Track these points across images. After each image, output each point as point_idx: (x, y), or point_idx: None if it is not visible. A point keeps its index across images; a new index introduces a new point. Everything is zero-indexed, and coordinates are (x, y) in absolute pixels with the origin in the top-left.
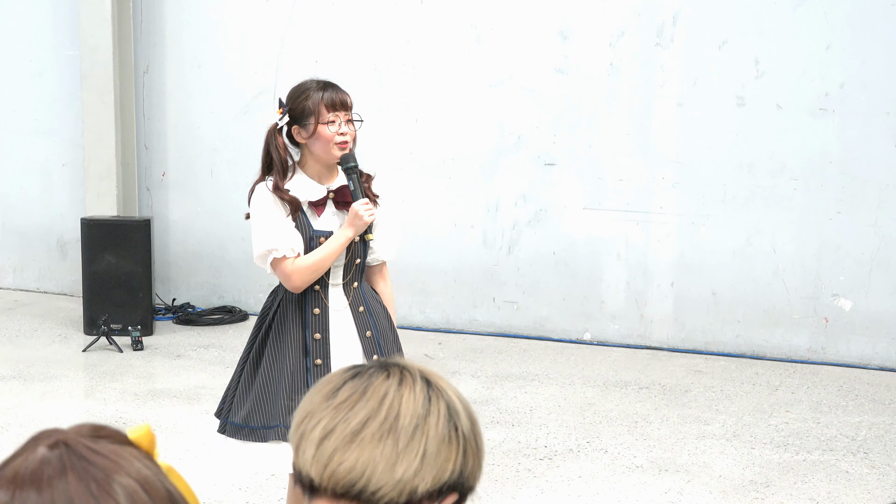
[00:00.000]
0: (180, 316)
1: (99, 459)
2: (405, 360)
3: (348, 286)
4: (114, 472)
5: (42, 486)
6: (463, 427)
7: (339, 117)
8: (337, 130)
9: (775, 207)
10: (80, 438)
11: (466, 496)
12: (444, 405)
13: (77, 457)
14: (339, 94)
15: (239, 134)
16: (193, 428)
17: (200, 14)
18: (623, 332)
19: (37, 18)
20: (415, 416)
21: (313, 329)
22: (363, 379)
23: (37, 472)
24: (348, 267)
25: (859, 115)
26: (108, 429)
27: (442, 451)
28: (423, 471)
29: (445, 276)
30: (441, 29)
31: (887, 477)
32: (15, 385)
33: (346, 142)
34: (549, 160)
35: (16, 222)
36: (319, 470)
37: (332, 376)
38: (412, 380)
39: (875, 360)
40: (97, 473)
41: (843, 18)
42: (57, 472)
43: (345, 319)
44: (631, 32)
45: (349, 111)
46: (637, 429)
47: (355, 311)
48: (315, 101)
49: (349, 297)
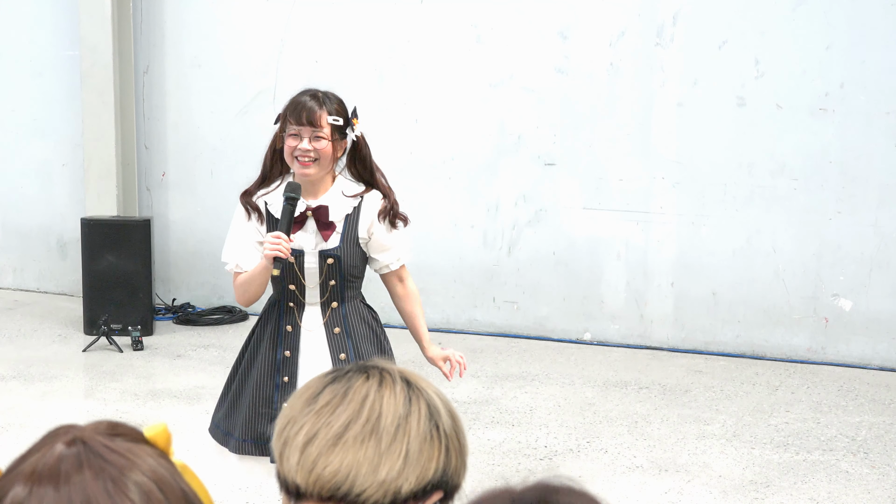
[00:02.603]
0: (180, 316)
1: (115, 457)
2: (384, 362)
3: (325, 306)
4: (129, 469)
5: (59, 483)
6: (444, 425)
7: (303, 132)
8: (296, 145)
9: (775, 207)
10: (97, 436)
11: (452, 494)
12: (425, 404)
13: (94, 454)
14: (311, 107)
15: (239, 134)
16: (193, 428)
17: (200, 14)
18: (623, 332)
19: (37, 18)
20: (396, 417)
21: (284, 346)
22: (343, 382)
23: (54, 468)
24: (323, 287)
25: (859, 115)
26: (124, 426)
27: (424, 450)
28: (406, 470)
29: (445, 276)
30: (441, 29)
31: (887, 477)
32: (15, 385)
33: (307, 160)
34: (549, 160)
35: (16, 222)
36: (305, 475)
37: (311, 382)
38: (392, 381)
39: (875, 360)
40: (113, 471)
41: (843, 18)
42: (74, 469)
43: (317, 339)
44: (631, 32)
45: (316, 128)
46: (637, 429)
47: (329, 332)
48: (286, 110)
49: (325, 316)
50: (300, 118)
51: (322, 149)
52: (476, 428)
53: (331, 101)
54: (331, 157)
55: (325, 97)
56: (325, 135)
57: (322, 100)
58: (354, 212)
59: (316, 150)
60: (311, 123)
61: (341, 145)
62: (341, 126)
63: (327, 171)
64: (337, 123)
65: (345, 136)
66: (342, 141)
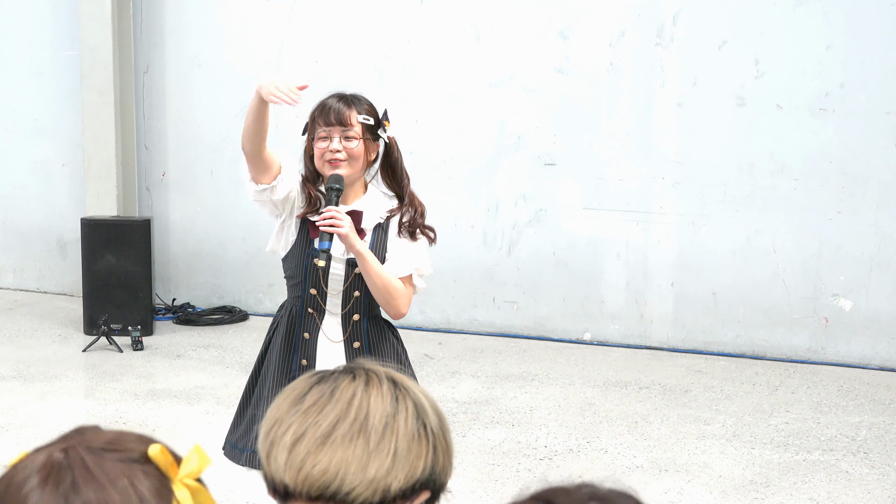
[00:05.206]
0: (180, 316)
1: (84, 476)
2: (369, 363)
3: (347, 318)
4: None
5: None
6: (432, 424)
7: (333, 133)
8: (327, 147)
9: (775, 207)
10: (87, 450)
11: (439, 494)
12: (412, 403)
13: (68, 468)
14: (339, 107)
15: (239, 134)
16: (193, 428)
17: (200, 14)
18: (623, 332)
19: (37, 18)
20: (384, 416)
21: (301, 354)
22: (329, 383)
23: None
24: (346, 297)
25: (859, 115)
26: (128, 441)
27: (413, 448)
28: (395, 469)
29: (445, 276)
30: (441, 29)
31: (887, 477)
32: (15, 385)
33: (337, 160)
34: (549, 160)
35: (16, 222)
36: (293, 475)
37: (296, 383)
38: (378, 380)
39: (875, 360)
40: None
41: (843, 18)
42: (50, 477)
43: (336, 352)
44: (631, 32)
45: (346, 127)
46: (637, 429)
47: (349, 346)
48: (313, 115)
49: (346, 330)
50: (329, 118)
51: (353, 149)
52: (476, 428)
53: (360, 102)
54: (363, 160)
55: (353, 98)
56: (356, 134)
57: (350, 100)
58: (385, 222)
59: (347, 150)
60: (341, 123)
61: (374, 147)
62: (372, 126)
63: (359, 176)
64: (368, 122)
65: (377, 137)
66: (374, 143)
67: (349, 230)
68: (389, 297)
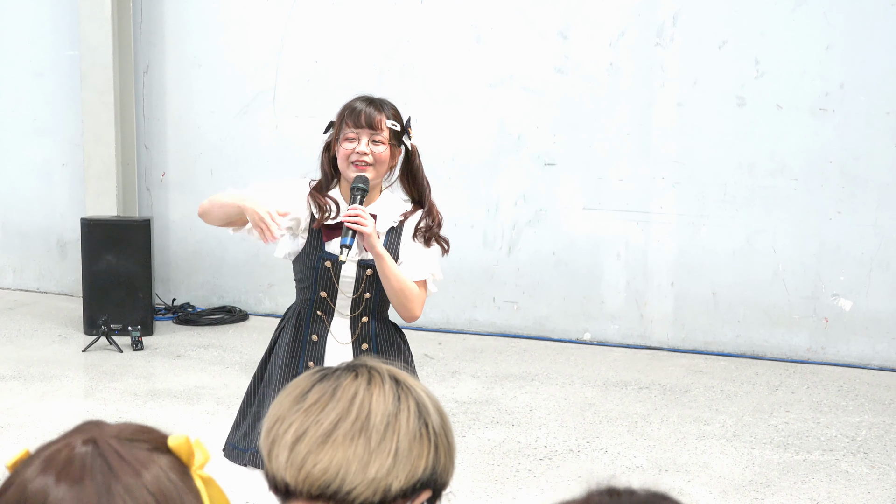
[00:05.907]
0: (180, 316)
1: (120, 465)
2: (372, 361)
3: (356, 320)
4: (129, 478)
5: (61, 478)
6: (433, 423)
7: (362, 135)
8: (354, 148)
9: (775, 207)
10: (112, 439)
11: (440, 493)
12: (414, 402)
13: (101, 457)
14: (370, 111)
15: (239, 134)
16: (193, 428)
17: (200, 14)
18: (623, 332)
19: (37, 18)
20: (385, 415)
21: (309, 355)
22: (331, 380)
23: (64, 462)
24: (357, 299)
25: (859, 115)
26: (149, 433)
27: (414, 448)
28: (396, 469)
29: (445, 277)
30: (441, 29)
31: (887, 477)
32: (15, 385)
33: (364, 162)
34: (549, 160)
35: (16, 222)
36: (294, 473)
37: (299, 380)
38: (381, 379)
39: (875, 360)
40: (110, 479)
41: (843, 18)
42: (78, 469)
43: (344, 354)
44: (631, 32)
45: (375, 131)
46: (637, 429)
47: (357, 349)
48: (342, 115)
49: (355, 332)
50: (359, 121)
51: (380, 153)
52: (476, 428)
53: (388, 107)
54: (387, 164)
55: (381, 102)
56: (384, 139)
57: (380, 104)
58: (399, 226)
59: (374, 154)
60: (371, 126)
61: (397, 152)
62: (398, 132)
63: (380, 181)
64: (395, 128)
65: (400, 143)
66: (398, 149)
67: (373, 230)
68: (405, 299)
